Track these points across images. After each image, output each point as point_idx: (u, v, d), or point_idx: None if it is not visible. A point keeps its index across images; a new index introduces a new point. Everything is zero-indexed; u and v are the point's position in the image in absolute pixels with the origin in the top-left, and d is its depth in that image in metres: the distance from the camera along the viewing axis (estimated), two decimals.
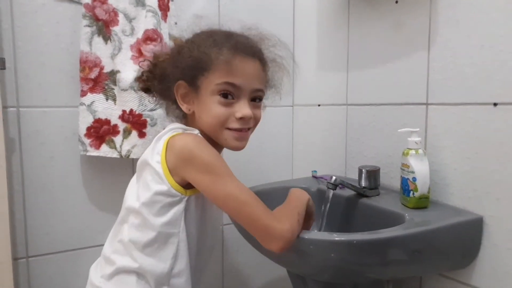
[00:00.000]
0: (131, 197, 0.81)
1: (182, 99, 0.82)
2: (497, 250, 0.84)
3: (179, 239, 0.77)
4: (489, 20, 0.84)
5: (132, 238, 0.78)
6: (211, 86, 0.77)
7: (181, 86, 0.81)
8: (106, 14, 1.01)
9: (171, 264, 0.77)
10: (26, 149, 1.01)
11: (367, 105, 1.15)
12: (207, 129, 0.81)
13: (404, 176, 0.92)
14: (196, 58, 0.78)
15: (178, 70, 0.80)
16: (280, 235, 0.70)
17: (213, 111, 0.78)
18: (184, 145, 0.74)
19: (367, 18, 1.14)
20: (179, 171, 0.74)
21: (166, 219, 0.76)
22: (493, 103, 0.83)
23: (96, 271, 0.85)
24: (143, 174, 0.79)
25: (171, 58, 0.84)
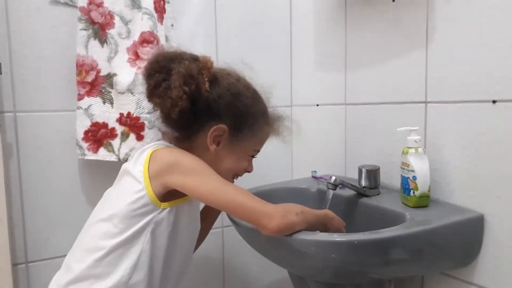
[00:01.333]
0: (105, 204, 0.82)
1: (213, 139, 0.83)
2: (498, 247, 0.83)
3: (142, 250, 0.77)
4: (486, 17, 0.83)
5: (97, 245, 0.76)
6: (251, 147, 0.89)
7: (221, 130, 0.83)
8: (102, 17, 1.00)
9: (129, 274, 0.76)
10: (23, 154, 1.00)
11: (366, 104, 1.15)
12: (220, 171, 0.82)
13: (404, 175, 0.92)
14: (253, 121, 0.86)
15: (228, 115, 0.83)
16: (272, 215, 0.73)
17: (241, 163, 0.89)
18: (169, 153, 0.80)
19: (365, 17, 1.13)
20: (161, 178, 0.76)
21: (135, 228, 0.76)
22: (492, 100, 0.83)
23: (55, 281, 0.82)
24: (121, 182, 0.81)
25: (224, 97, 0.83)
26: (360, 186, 1.02)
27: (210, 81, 0.82)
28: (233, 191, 0.76)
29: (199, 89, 0.80)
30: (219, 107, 0.82)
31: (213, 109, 0.82)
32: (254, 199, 0.76)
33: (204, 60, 0.82)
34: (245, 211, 0.75)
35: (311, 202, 1.13)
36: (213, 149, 0.84)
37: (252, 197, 0.76)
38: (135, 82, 1.01)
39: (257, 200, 0.76)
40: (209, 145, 0.83)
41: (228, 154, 0.86)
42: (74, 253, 0.82)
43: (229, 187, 0.77)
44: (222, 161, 0.86)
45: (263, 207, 0.74)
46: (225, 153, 0.86)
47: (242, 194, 0.76)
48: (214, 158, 0.84)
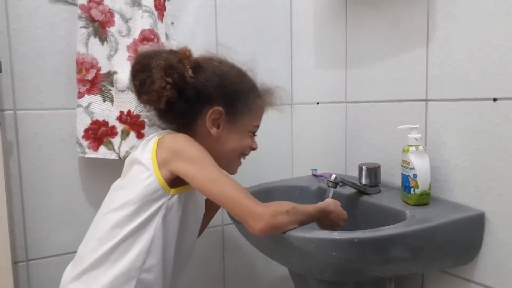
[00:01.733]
0: (115, 195, 0.83)
1: (212, 123, 0.85)
2: (499, 245, 0.83)
3: (154, 235, 0.79)
4: (488, 15, 0.83)
5: (110, 234, 0.78)
6: (250, 125, 0.91)
7: (218, 112, 0.84)
8: (102, 15, 1.00)
9: (143, 258, 0.78)
10: (24, 152, 1.00)
11: (367, 102, 1.15)
12: (226, 154, 0.88)
13: (405, 173, 0.92)
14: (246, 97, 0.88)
15: (221, 96, 0.85)
16: (260, 216, 0.72)
17: (243, 142, 0.90)
18: (175, 139, 0.81)
19: (365, 15, 1.13)
20: (168, 164, 0.78)
21: (146, 214, 0.78)
22: (493, 98, 0.83)
23: (67, 273, 0.84)
24: (130, 172, 0.82)
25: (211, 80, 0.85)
26: (360, 184, 1.02)
27: (194, 68, 0.83)
28: (228, 184, 0.76)
29: (183, 78, 0.82)
30: (209, 91, 0.84)
31: (204, 94, 0.84)
32: (247, 196, 0.75)
33: (182, 50, 0.85)
34: (235, 206, 0.75)
35: (312, 200, 1.13)
36: (215, 132, 0.85)
37: (244, 194, 0.76)
38: None
39: (249, 198, 0.75)
40: (209, 129, 0.85)
41: (230, 134, 0.87)
42: (87, 245, 0.83)
43: (225, 180, 0.77)
44: (226, 143, 0.88)
45: (253, 207, 0.74)
46: (227, 134, 0.87)
47: (235, 189, 0.76)
48: (217, 142, 0.86)
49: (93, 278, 0.77)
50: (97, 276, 0.77)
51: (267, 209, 0.74)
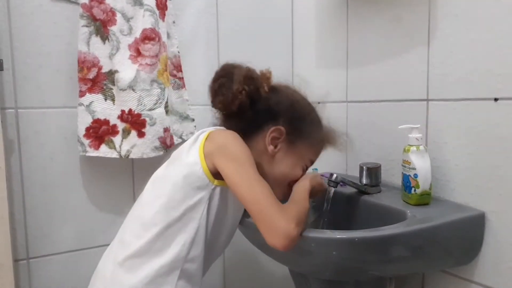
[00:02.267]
0: (160, 181, 0.84)
1: (271, 141, 0.86)
2: (499, 245, 0.83)
3: (199, 225, 0.80)
4: (489, 14, 0.83)
5: (155, 220, 0.79)
6: (307, 156, 0.91)
7: (279, 131, 0.86)
8: (103, 14, 1.00)
9: (188, 248, 0.79)
10: (25, 151, 1.01)
11: (367, 102, 1.15)
12: (275, 176, 0.87)
13: (405, 173, 0.92)
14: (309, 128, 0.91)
15: (287, 118, 0.87)
16: (285, 234, 0.71)
17: (295, 170, 0.90)
18: (224, 135, 0.83)
19: (366, 14, 1.13)
20: (212, 157, 0.79)
21: (191, 202, 0.79)
22: (494, 98, 0.83)
23: (107, 260, 0.85)
24: (177, 160, 0.83)
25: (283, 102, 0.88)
26: (361, 183, 1.02)
27: (269, 89, 0.87)
28: (258, 191, 0.75)
29: (258, 91, 0.85)
30: (278, 110, 0.87)
31: (272, 111, 0.87)
32: (274, 208, 0.73)
33: (263, 72, 0.89)
34: (264, 221, 0.73)
35: (312, 200, 1.13)
36: (271, 150, 0.86)
37: (272, 206, 0.74)
38: (136, 79, 1.01)
39: (276, 211, 0.73)
40: (267, 145, 0.86)
41: (285, 157, 0.88)
42: (130, 229, 0.84)
43: (258, 187, 0.76)
44: (278, 165, 0.88)
45: (276, 221, 0.72)
46: (282, 156, 0.88)
47: (266, 199, 0.74)
48: (270, 161, 0.87)
49: (138, 265, 0.78)
50: (142, 264, 0.78)
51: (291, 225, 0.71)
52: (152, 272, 0.77)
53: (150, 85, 1.03)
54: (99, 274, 0.85)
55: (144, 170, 1.14)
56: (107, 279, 0.81)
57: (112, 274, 0.80)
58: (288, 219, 0.72)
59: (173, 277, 0.78)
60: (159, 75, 1.05)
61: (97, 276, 0.86)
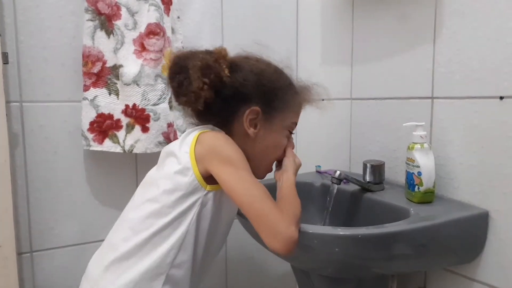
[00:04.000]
0: (151, 185, 0.82)
1: (249, 123, 0.84)
2: (503, 244, 0.83)
3: (188, 231, 0.78)
4: (495, 12, 0.82)
5: (144, 225, 0.78)
6: (287, 122, 0.88)
7: (254, 112, 0.83)
8: (108, 8, 1.00)
9: (175, 253, 0.78)
10: (29, 144, 1.01)
11: (372, 99, 1.14)
12: (262, 155, 0.86)
13: (409, 171, 0.92)
14: (283, 95, 0.87)
15: (257, 95, 0.83)
16: (286, 238, 0.70)
17: (281, 142, 0.89)
18: (214, 138, 0.80)
19: (372, 11, 1.13)
20: (204, 162, 0.77)
21: (181, 208, 0.77)
22: (500, 96, 0.82)
23: (95, 261, 0.84)
24: (166, 163, 0.82)
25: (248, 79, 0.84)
26: (364, 181, 1.02)
27: (230, 67, 0.82)
28: (258, 196, 0.74)
29: (220, 77, 0.81)
30: (246, 90, 0.83)
31: (241, 93, 0.83)
32: (273, 212, 0.72)
33: (217, 50, 0.84)
34: (263, 224, 0.72)
35: (315, 196, 1.13)
36: (252, 132, 0.84)
37: (270, 209, 0.73)
38: (141, 73, 1.01)
39: (275, 215, 0.72)
40: (247, 129, 0.84)
41: (267, 133, 0.86)
42: (118, 232, 0.83)
43: (255, 191, 0.75)
44: (263, 142, 0.86)
45: (278, 227, 0.70)
46: (264, 133, 0.85)
47: (263, 203, 0.73)
48: (255, 142, 0.85)
49: (123, 269, 0.77)
50: (127, 268, 0.77)
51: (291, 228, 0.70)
52: (137, 276, 0.76)
53: (154, 80, 1.03)
54: (88, 275, 0.84)
55: (148, 165, 1.14)
56: (93, 281, 0.80)
57: (98, 277, 0.79)
58: (288, 222, 0.71)
59: (158, 282, 0.77)
60: (163, 70, 1.04)
61: (86, 276, 0.85)
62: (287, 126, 0.89)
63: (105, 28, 1.01)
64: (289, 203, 0.78)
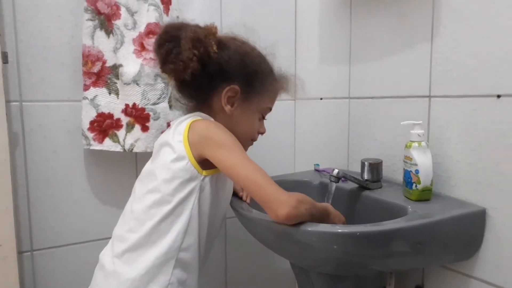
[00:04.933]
0: (149, 177, 0.85)
1: (227, 100, 0.87)
2: (500, 242, 0.84)
3: (191, 216, 0.82)
4: (493, 11, 0.83)
5: (149, 215, 0.81)
6: (262, 106, 0.92)
7: (233, 90, 0.87)
8: (108, 7, 1.01)
9: (181, 238, 0.82)
10: (29, 144, 1.01)
11: (370, 98, 1.15)
12: (237, 132, 0.86)
13: (407, 169, 0.92)
14: (262, 78, 0.90)
15: (239, 75, 0.87)
16: (286, 202, 0.74)
17: (254, 124, 0.93)
18: (207, 126, 0.83)
19: (370, 10, 1.13)
20: (199, 148, 0.80)
21: (182, 194, 0.81)
22: (497, 95, 0.83)
23: (106, 253, 0.87)
24: (161, 154, 0.84)
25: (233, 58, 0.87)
26: (362, 179, 1.03)
27: (218, 45, 0.85)
28: (252, 169, 0.78)
29: (208, 52, 0.83)
30: (229, 68, 0.86)
31: (225, 71, 0.86)
32: (271, 182, 0.77)
33: (208, 27, 0.86)
34: (259, 191, 0.76)
35: (314, 195, 1.13)
36: (228, 109, 0.87)
37: (269, 180, 0.77)
38: (140, 73, 1.02)
39: (273, 184, 0.76)
40: (224, 106, 0.87)
41: (243, 113, 0.90)
42: (124, 225, 0.86)
43: (251, 166, 0.78)
44: (238, 122, 0.90)
45: (277, 193, 0.75)
46: (240, 113, 0.89)
47: (260, 174, 0.78)
48: (230, 120, 0.88)
49: (135, 257, 0.81)
50: (139, 256, 0.81)
51: (292, 197, 0.75)
52: (148, 263, 0.80)
53: (154, 79, 1.04)
54: (100, 265, 0.87)
55: None
56: (107, 270, 0.83)
57: (111, 266, 0.83)
58: (288, 193, 0.75)
59: (168, 267, 0.81)
60: None
61: (98, 268, 0.88)
62: (262, 110, 0.93)
63: (105, 28, 1.02)
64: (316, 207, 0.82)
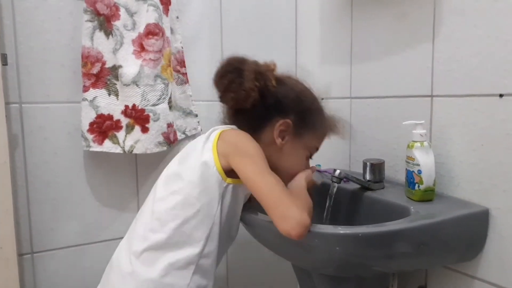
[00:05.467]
0: (174, 178, 0.85)
1: (279, 133, 0.89)
2: (503, 242, 0.83)
3: (214, 222, 0.83)
4: (495, 10, 0.82)
5: (171, 216, 0.81)
6: (311, 144, 0.94)
7: (286, 124, 0.88)
8: (107, 8, 1.00)
9: (203, 244, 0.82)
10: (29, 145, 1.01)
11: (371, 98, 1.14)
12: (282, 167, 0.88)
13: (409, 169, 0.92)
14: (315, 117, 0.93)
15: (294, 110, 0.89)
16: (299, 222, 0.72)
17: (301, 162, 0.94)
18: (235, 135, 0.86)
19: (371, 10, 1.13)
20: (226, 157, 0.82)
21: (206, 199, 0.81)
22: (499, 94, 0.82)
23: (122, 254, 0.86)
24: (190, 158, 0.85)
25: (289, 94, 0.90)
26: (364, 179, 1.02)
27: (276, 80, 0.89)
28: (271, 183, 0.78)
29: (267, 86, 0.87)
30: (285, 103, 0.89)
31: (280, 105, 0.89)
32: (288, 199, 0.75)
33: (268, 63, 0.90)
34: (274, 207, 0.75)
35: (315, 195, 1.13)
36: (279, 142, 0.89)
37: (286, 197, 0.75)
38: (140, 74, 1.01)
39: (290, 201, 0.75)
40: (275, 138, 0.89)
41: (292, 149, 0.91)
42: (145, 224, 0.85)
43: (270, 179, 0.78)
44: (285, 156, 0.90)
45: (290, 211, 0.73)
46: (289, 147, 0.90)
47: (278, 190, 0.76)
48: (279, 153, 0.90)
49: (154, 258, 0.80)
50: (158, 257, 0.80)
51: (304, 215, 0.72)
52: (168, 265, 0.80)
53: (153, 80, 1.03)
54: (114, 266, 0.86)
55: (148, 165, 1.15)
56: (123, 271, 0.82)
57: (128, 266, 0.82)
58: (300, 208, 0.74)
59: (188, 272, 0.81)
60: (162, 71, 1.05)
61: (112, 268, 0.87)
62: (310, 148, 0.95)
63: (104, 29, 1.01)
64: (301, 198, 0.82)
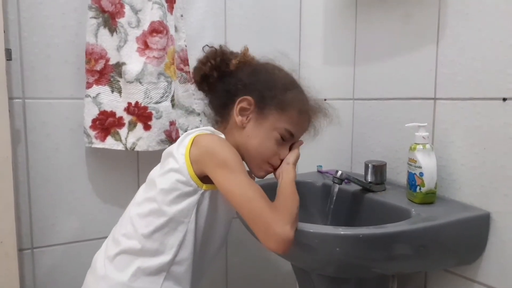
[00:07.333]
0: (151, 185, 0.84)
1: (239, 111, 0.86)
2: (504, 246, 0.83)
3: (187, 229, 0.80)
4: (499, 13, 0.82)
5: (144, 223, 0.81)
6: (279, 125, 0.85)
7: (247, 101, 0.86)
8: (112, 5, 1.00)
9: (175, 251, 0.80)
10: (31, 141, 1.01)
11: (374, 99, 1.14)
12: (249, 151, 0.86)
13: (411, 171, 0.92)
14: (281, 94, 0.86)
15: (256, 88, 0.86)
16: (281, 238, 0.71)
17: (268, 144, 0.86)
18: (209, 141, 0.81)
19: (375, 11, 1.12)
20: (200, 164, 0.78)
21: (180, 207, 0.79)
22: (503, 98, 0.82)
23: (99, 256, 0.87)
24: (165, 164, 0.83)
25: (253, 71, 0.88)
26: (366, 181, 1.02)
27: (244, 63, 0.88)
28: (251, 196, 0.74)
29: (227, 65, 0.87)
30: (248, 82, 0.86)
31: (242, 84, 0.87)
32: (271, 211, 0.73)
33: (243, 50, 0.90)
34: (258, 224, 0.73)
35: (316, 196, 1.13)
36: (239, 120, 0.85)
37: (268, 209, 0.73)
38: (143, 71, 1.01)
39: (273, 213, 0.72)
40: (235, 116, 0.86)
41: (256, 128, 0.86)
42: (121, 228, 0.85)
43: (250, 192, 0.75)
44: (250, 137, 0.86)
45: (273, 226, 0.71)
46: (252, 126, 0.86)
47: (258, 202, 0.74)
48: (243, 134, 0.86)
49: (126, 262, 0.80)
50: (130, 262, 0.80)
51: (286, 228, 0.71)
52: (138, 271, 0.79)
53: (157, 78, 1.03)
54: (92, 267, 0.87)
55: (149, 163, 1.14)
56: (97, 274, 0.83)
57: (102, 269, 0.82)
58: (283, 222, 0.71)
59: (159, 278, 0.80)
60: (166, 69, 1.05)
61: (90, 269, 0.88)
62: (279, 130, 0.86)
63: (109, 26, 1.01)
64: (285, 201, 0.78)
